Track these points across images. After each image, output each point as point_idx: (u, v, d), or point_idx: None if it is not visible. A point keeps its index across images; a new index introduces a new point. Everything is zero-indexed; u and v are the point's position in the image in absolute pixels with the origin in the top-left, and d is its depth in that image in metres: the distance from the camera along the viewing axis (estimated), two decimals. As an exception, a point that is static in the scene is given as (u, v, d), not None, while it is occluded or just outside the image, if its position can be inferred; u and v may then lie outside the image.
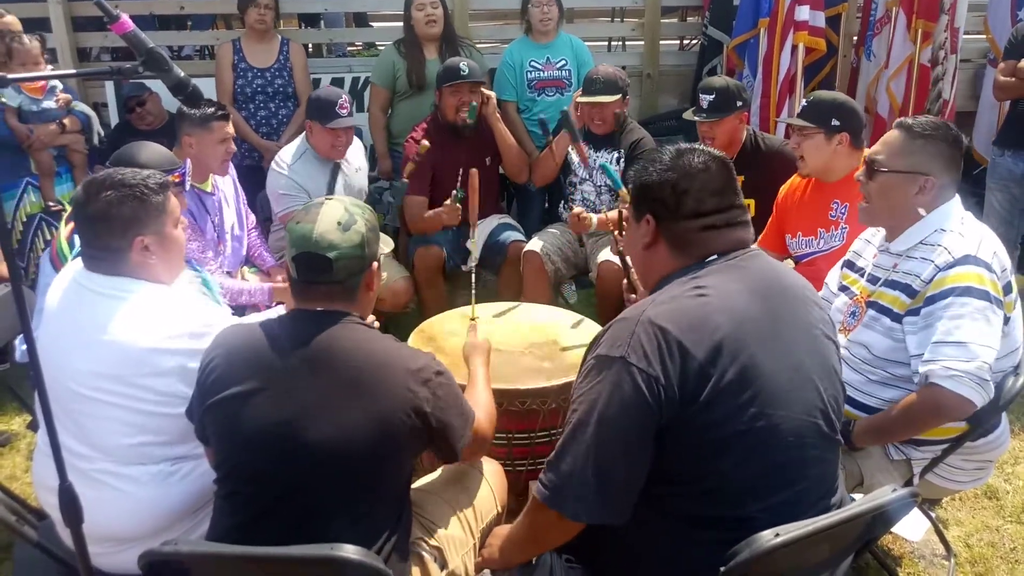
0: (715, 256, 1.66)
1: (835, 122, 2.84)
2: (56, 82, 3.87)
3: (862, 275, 2.33)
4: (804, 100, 2.99)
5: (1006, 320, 2.08)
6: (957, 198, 2.22)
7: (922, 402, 2.01)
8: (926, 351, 2.01)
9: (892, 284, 2.17)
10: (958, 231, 2.12)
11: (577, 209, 3.55)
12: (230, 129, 3.22)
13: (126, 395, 1.89)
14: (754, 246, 1.75)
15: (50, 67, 3.92)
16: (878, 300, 2.20)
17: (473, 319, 2.30)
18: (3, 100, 3.69)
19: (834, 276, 2.51)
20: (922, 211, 2.16)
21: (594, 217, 3.55)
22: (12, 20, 3.89)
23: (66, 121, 3.89)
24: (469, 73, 3.73)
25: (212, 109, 3.14)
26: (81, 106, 4.03)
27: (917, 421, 2.07)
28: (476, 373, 2.18)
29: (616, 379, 1.52)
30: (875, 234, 2.36)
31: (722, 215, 1.68)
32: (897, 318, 2.12)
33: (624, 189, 3.41)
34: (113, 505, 1.92)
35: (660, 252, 1.72)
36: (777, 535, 1.43)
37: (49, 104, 3.82)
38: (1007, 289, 2.10)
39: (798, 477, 1.57)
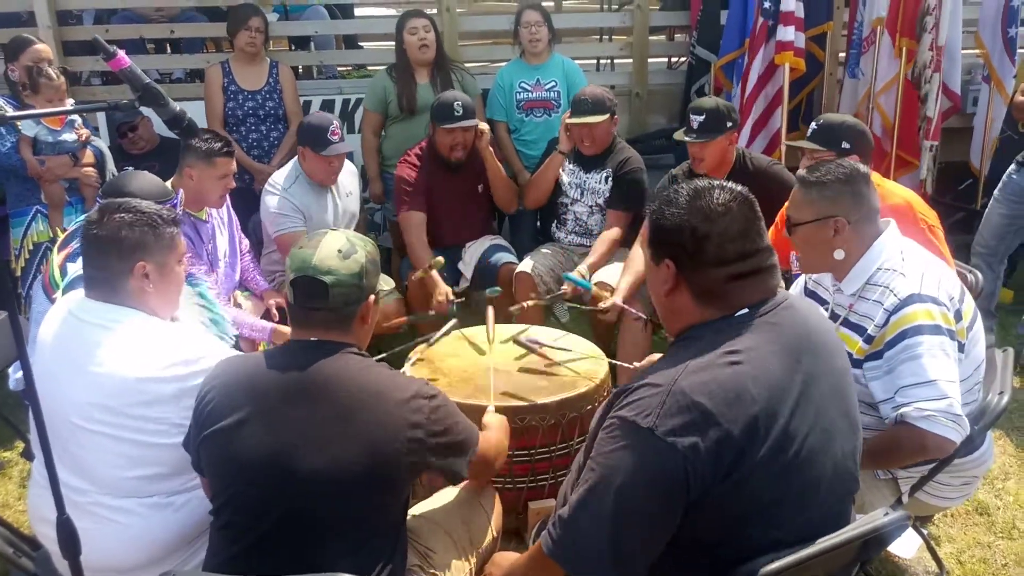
0: (746, 310, 1.57)
1: (845, 144, 2.87)
2: (75, 115, 3.82)
3: (826, 309, 2.35)
4: (814, 124, 3.01)
5: (960, 347, 2.12)
6: (891, 229, 2.25)
7: (905, 441, 2.03)
8: (896, 394, 2.04)
9: (850, 326, 2.21)
10: (899, 269, 2.14)
11: (600, 290, 3.45)
12: (233, 166, 3.22)
13: (122, 426, 1.90)
14: (783, 290, 1.70)
15: (71, 101, 3.85)
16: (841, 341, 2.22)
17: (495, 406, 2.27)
18: (19, 129, 3.64)
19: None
20: (839, 254, 2.20)
21: (618, 299, 3.39)
22: (44, 48, 3.83)
23: (80, 155, 3.81)
24: (464, 115, 3.73)
25: (219, 145, 3.13)
26: (97, 142, 3.99)
27: (901, 458, 2.11)
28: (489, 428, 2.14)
29: (642, 451, 1.44)
30: None
31: (748, 262, 1.57)
32: (857, 363, 2.14)
33: (593, 288, 3.37)
34: (108, 537, 1.92)
35: (683, 300, 1.61)
36: (773, 560, 1.45)
37: (66, 136, 3.74)
38: (958, 316, 2.13)
39: (819, 533, 1.53)
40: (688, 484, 1.41)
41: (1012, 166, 4.24)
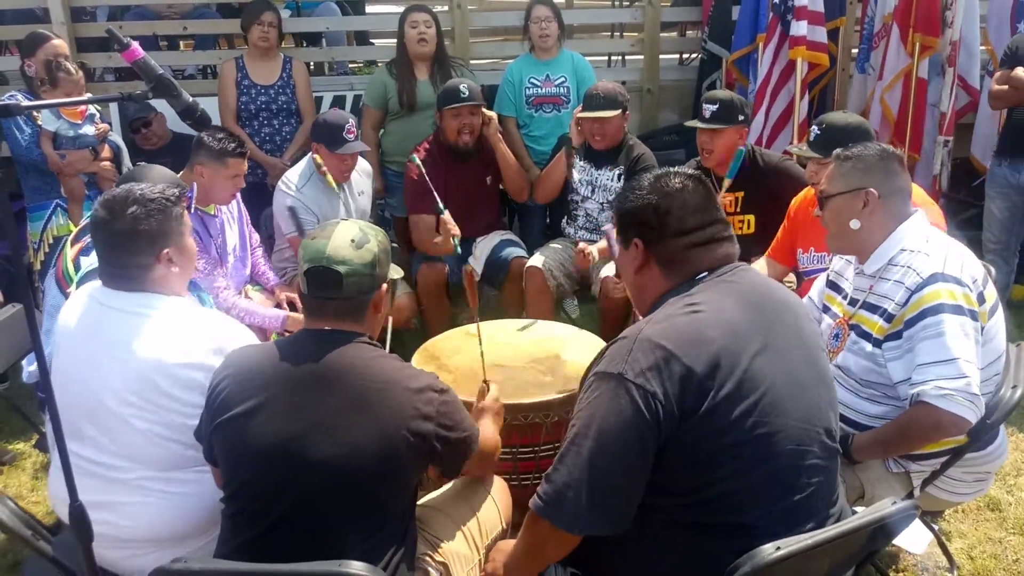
0: (705, 273, 1.71)
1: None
2: (93, 109, 3.84)
3: (844, 297, 2.37)
4: (816, 127, 3.00)
5: (981, 330, 2.11)
6: (919, 214, 2.27)
7: (919, 420, 2.04)
8: (914, 373, 2.05)
9: (869, 307, 2.22)
10: (923, 250, 2.15)
11: (581, 245, 3.56)
12: (244, 166, 3.24)
13: (160, 406, 1.95)
14: (758, 260, 1.77)
15: (88, 94, 3.87)
16: (859, 323, 2.24)
17: (485, 382, 2.30)
18: (39, 123, 3.67)
19: (816, 292, 2.55)
20: (854, 223, 2.23)
21: (594, 249, 3.56)
22: (60, 43, 3.85)
23: (99, 149, 3.83)
24: (469, 96, 3.76)
25: (233, 145, 3.15)
26: (114, 137, 4.02)
27: (915, 438, 2.10)
28: (485, 420, 2.15)
29: (614, 395, 1.55)
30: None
31: (705, 231, 1.73)
32: (877, 343, 2.16)
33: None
34: (158, 508, 1.98)
35: (651, 274, 1.77)
36: (778, 548, 1.46)
37: (87, 130, 3.77)
38: (980, 299, 2.13)
39: (799, 485, 1.59)
40: (659, 422, 1.52)
41: (992, 159, 4.25)
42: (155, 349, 1.95)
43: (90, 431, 1.97)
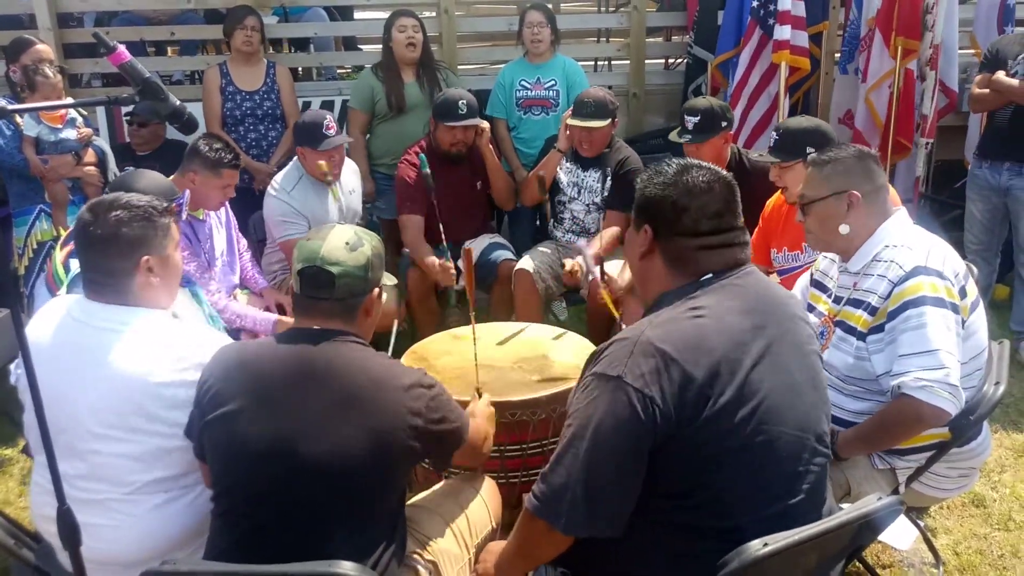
0: (710, 275, 1.68)
1: (810, 150, 2.90)
2: (76, 114, 3.82)
3: (829, 295, 2.40)
4: (775, 133, 3.03)
5: (962, 323, 2.14)
6: (902, 212, 2.31)
7: (900, 413, 2.06)
8: (894, 364, 2.07)
9: (854, 303, 2.25)
10: (906, 244, 2.19)
11: (569, 265, 3.57)
12: (236, 177, 3.25)
13: (141, 430, 1.89)
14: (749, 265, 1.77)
15: (69, 99, 3.86)
16: (844, 320, 2.27)
17: (478, 389, 2.34)
18: (21, 129, 3.65)
19: (799, 290, 2.58)
20: (843, 228, 2.26)
21: (581, 260, 3.56)
22: (44, 48, 3.84)
23: (83, 154, 3.82)
24: (468, 113, 3.79)
25: (229, 157, 3.16)
26: (99, 141, 4.01)
27: (898, 431, 2.12)
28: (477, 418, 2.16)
29: (612, 397, 1.54)
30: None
31: (719, 236, 1.70)
32: (861, 336, 2.19)
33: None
34: (128, 530, 1.93)
35: (656, 265, 1.74)
36: (765, 544, 1.47)
37: (68, 135, 3.75)
38: (962, 293, 2.16)
39: (792, 490, 1.60)
40: (655, 426, 1.51)
41: (972, 161, 4.29)
42: (137, 367, 1.88)
43: (69, 454, 1.89)
